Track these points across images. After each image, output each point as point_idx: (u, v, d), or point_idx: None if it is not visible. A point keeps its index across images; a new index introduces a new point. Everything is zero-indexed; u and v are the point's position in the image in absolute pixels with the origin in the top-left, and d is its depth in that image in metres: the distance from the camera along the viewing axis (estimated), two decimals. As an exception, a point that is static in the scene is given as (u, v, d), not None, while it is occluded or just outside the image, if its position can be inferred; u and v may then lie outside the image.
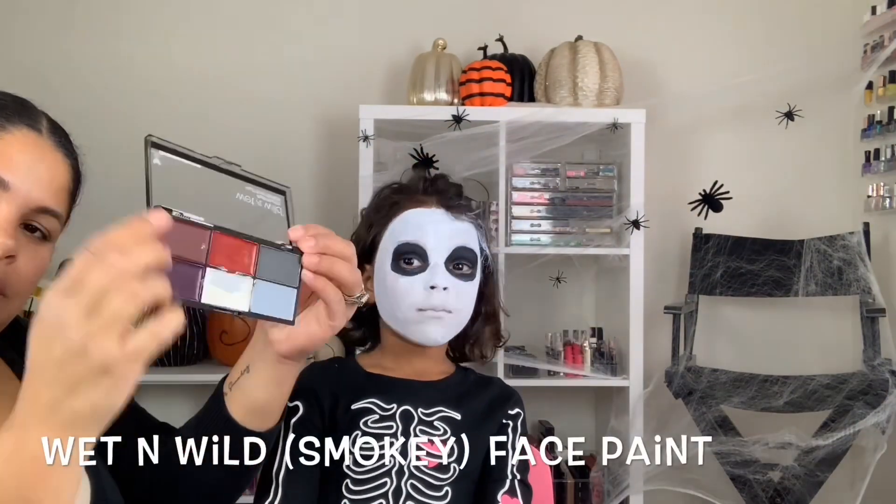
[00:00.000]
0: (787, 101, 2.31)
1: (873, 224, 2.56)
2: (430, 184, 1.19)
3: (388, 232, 1.14)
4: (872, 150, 2.65)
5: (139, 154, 0.68)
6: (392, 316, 1.14)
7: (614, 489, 2.36)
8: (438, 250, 1.12)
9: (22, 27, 2.70)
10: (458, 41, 2.64)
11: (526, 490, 1.11)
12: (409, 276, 1.11)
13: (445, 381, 1.17)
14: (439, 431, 1.10)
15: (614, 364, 2.46)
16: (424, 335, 1.11)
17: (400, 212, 1.15)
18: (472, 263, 1.15)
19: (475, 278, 1.16)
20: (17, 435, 0.57)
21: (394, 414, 1.10)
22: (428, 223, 1.13)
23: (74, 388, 0.57)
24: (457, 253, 1.13)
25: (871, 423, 2.11)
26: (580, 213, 2.49)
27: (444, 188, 1.19)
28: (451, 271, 1.12)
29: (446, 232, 1.13)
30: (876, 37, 2.62)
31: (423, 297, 1.10)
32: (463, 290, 1.13)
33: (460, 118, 2.34)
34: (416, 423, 1.10)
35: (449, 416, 1.12)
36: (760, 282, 2.56)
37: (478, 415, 1.13)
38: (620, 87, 2.50)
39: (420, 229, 1.13)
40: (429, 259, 1.12)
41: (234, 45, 2.74)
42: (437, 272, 1.11)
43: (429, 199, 1.16)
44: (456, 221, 1.15)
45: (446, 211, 1.15)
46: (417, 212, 1.14)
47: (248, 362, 0.89)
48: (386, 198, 1.19)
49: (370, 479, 1.06)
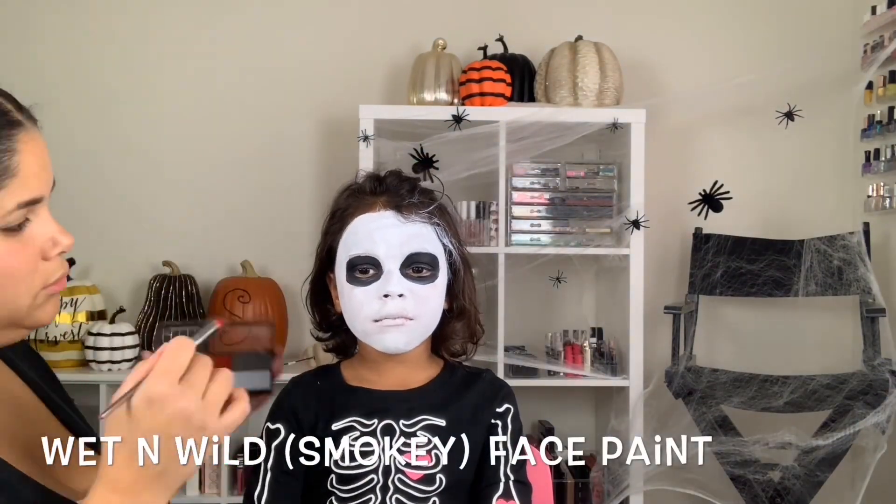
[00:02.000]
0: (787, 101, 2.31)
1: (873, 224, 2.56)
2: (379, 183, 1.13)
3: (341, 242, 1.11)
4: (872, 150, 2.65)
5: (139, 155, 0.71)
6: (353, 327, 1.11)
7: (614, 489, 2.35)
8: (390, 257, 1.07)
9: (21, 28, 2.70)
10: (458, 41, 2.64)
11: (523, 488, 1.09)
12: (364, 285, 1.07)
13: (429, 385, 1.14)
14: (423, 442, 1.08)
15: (614, 364, 2.46)
16: (384, 345, 1.08)
17: (351, 219, 1.10)
18: (432, 265, 1.10)
19: (437, 279, 1.10)
20: (130, 499, 0.75)
21: (374, 430, 1.08)
22: (376, 230, 1.08)
23: (184, 456, 0.76)
24: (411, 258, 1.08)
25: (871, 423, 2.11)
26: (580, 213, 2.49)
27: (395, 186, 1.13)
28: (408, 276, 1.07)
29: (397, 238, 1.08)
30: (876, 37, 2.62)
31: (377, 306, 1.06)
32: (423, 294, 1.08)
33: (460, 118, 2.34)
34: (397, 436, 1.08)
35: (433, 423, 1.09)
36: (760, 282, 2.56)
37: (464, 418, 1.11)
38: (620, 87, 2.50)
39: (369, 238, 1.08)
40: (382, 267, 1.07)
41: (234, 45, 2.74)
42: (391, 280, 1.06)
43: (377, 202, 1.11)
44: (407, 224, 1.09)
45: (396, 213, 1.10)
46: (366, 218, 1.10)
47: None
48: (338, 202, 1.15)
49: (355, 496, 1.06)
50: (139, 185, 2.68)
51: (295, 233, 2.72)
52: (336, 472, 1.06)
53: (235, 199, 2.72)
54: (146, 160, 2.70)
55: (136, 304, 2.61)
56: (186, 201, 2.71)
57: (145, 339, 2.51)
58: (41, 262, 0.81)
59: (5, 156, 0.76)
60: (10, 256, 0.78)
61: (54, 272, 0.83)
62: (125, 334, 2.43)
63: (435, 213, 1.13)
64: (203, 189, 2.72)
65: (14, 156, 0.77)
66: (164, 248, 2.66)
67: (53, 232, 0.82)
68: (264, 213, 2.73)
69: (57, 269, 0.84)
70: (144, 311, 2.55)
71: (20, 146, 0.78)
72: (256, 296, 2.52)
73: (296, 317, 2.67)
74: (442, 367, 1.17)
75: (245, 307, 2.49)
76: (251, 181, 2.72)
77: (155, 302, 2.53)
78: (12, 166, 0.77)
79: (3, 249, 0.77)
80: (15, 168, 0.77)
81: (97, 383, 2.35)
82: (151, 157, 2.71)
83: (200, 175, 2.72)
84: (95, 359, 2.41)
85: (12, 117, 0.78)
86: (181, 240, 2.70)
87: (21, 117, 0.79)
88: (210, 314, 2.54)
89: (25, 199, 0.78)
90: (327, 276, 1.16)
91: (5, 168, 0.76)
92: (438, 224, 1.12)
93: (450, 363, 1.18)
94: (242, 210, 2.72)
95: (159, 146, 2.71)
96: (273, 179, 2.73)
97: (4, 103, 0.79)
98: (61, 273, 0.85)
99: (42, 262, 0.82)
